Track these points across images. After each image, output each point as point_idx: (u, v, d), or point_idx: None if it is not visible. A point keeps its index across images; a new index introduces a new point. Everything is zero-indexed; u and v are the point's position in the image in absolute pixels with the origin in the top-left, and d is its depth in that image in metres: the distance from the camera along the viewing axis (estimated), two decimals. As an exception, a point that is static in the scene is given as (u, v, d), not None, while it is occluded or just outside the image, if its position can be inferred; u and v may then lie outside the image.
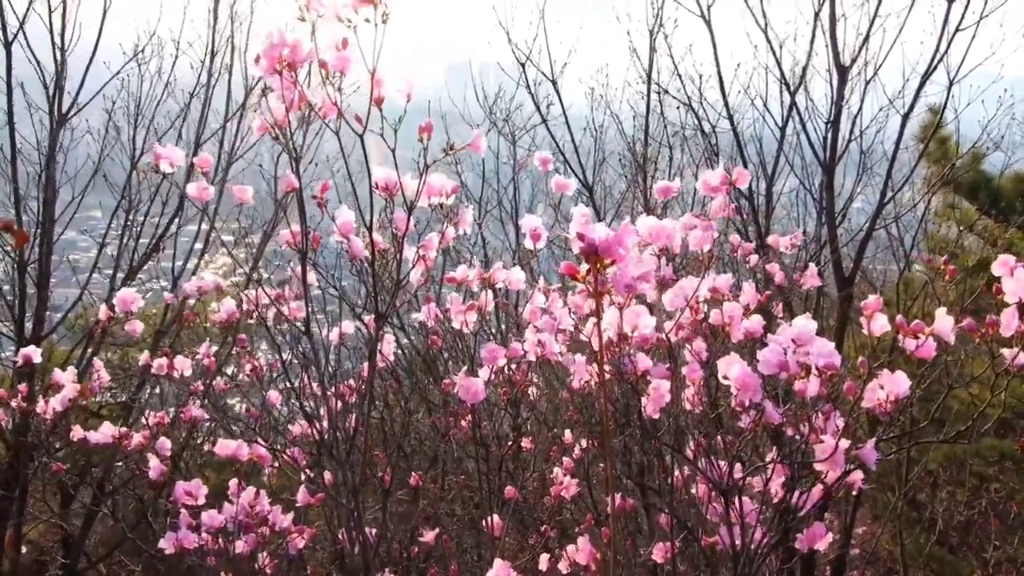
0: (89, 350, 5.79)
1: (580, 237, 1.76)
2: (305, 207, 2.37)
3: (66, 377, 3.14)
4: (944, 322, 1.98)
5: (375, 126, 2.13)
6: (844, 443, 1.84)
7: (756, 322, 2.16)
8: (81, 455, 4.97)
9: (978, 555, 5.13)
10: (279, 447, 3.44)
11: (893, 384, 1.85)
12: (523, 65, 6.42)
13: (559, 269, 1.85)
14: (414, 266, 2.50)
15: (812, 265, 3.25)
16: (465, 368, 2.68)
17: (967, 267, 5.14)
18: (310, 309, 2.48)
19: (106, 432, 2.86)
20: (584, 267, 1.81)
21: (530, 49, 6.37)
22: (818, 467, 1.88)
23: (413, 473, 3.81)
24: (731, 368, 1.91)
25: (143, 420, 3.42)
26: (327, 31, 1.95)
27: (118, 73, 6.00)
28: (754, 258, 3.28)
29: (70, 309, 6.04)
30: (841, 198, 5.40)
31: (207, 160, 2.58)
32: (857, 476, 1.87)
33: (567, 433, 3.28)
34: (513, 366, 2.79)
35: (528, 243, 2.60)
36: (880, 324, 2.02)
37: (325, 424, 2.52)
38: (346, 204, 2.46)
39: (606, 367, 2.09)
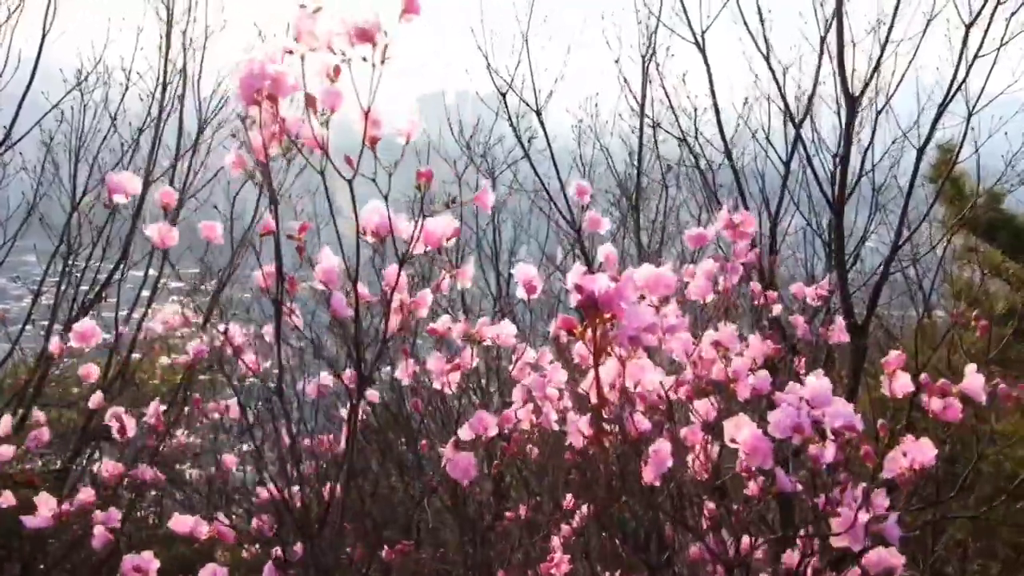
0: (20, 411, 5.72)
1: (578, 288, 1.79)
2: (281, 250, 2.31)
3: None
4: (974, 380, 1.98)
5: (351, 163, 2.10)
6: (864, 516, 1.85)
7: (763, 378, 2.18)
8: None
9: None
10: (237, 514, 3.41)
11: (917, 451, 1.85)
12: (504, 95, 6.50)
13: (556, 324, 1.88)
14: (405, 322, 2.40)
15: (839, 318, 3.25)
16: (453, 440, 2.58)
17: (992, 314, 5.20)
18: (282, 363, 2.42)
19: (45, 514, 2.78)
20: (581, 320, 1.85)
21: (512, 77, 6.46)
22: (835, 542, 1.88)
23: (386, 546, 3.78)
24: (740, 431, 1.92)
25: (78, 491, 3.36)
26: (316, 63, 1.95)
27: (58, 104, 5.97)
28: (778, 308, 3.29)
29: (0, 364, 5.98)
30: (853, 239, 5.46)
31: (170, 194, 2.49)
32: (896, 561, 1.85)
33: (568, 497, 3.26)
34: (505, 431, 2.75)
35: (520, 292, 2.59)
36: (902, 383, 2.02)
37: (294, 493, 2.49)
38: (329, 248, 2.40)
39: (606, 427, 2.11)
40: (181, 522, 2.59)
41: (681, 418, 2.30)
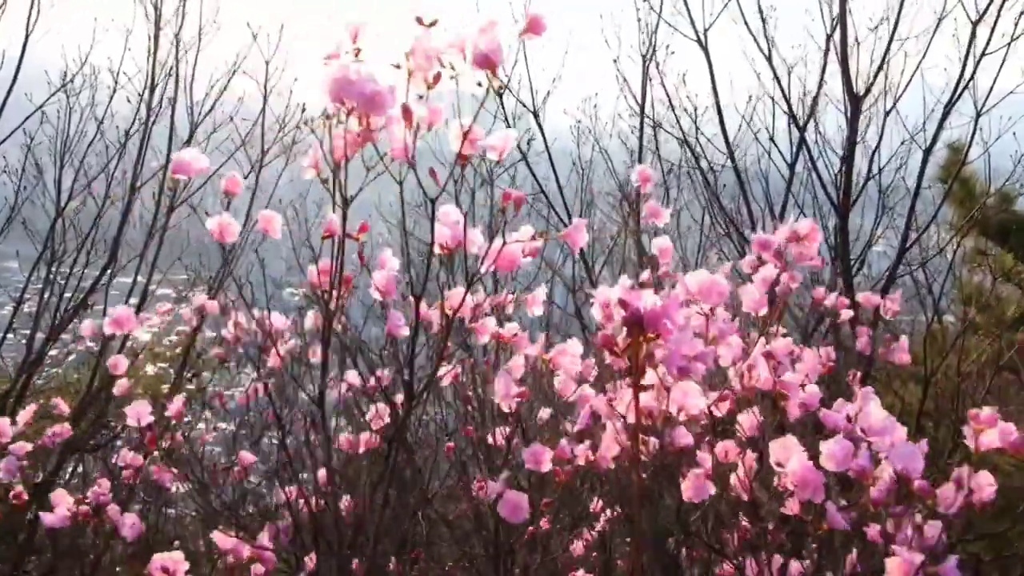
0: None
1: (623, 305, 1.71)
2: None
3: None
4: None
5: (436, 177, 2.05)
6: (920, 557, 1.72)
7: (813, 394, 2.11)
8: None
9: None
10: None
11: (976, 485, 1.78)
12: (500, 95, 6.43)
13: (597, 339, 1.81)
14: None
15: (904, 338, 3.15)
16: (505, 475, 2.42)
17: (1003, 319, 5.17)
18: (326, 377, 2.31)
19: (63, 512, 2.66)
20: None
21: (508, 77, 6.41)
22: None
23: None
24: (789, 459, 1.84)
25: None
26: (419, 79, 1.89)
27: (42, 106, 5.88)
28: (847, 313, 3.13)
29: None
30: (860, 242, 5.43)
31: (236, 182, 2.37)
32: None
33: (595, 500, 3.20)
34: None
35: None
36: (990, 439, 1.90)
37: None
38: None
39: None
40: (222, 539, 2.44)
41: (722, 433, 2.23)
